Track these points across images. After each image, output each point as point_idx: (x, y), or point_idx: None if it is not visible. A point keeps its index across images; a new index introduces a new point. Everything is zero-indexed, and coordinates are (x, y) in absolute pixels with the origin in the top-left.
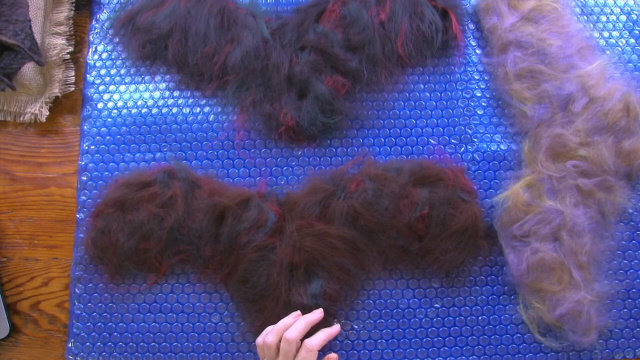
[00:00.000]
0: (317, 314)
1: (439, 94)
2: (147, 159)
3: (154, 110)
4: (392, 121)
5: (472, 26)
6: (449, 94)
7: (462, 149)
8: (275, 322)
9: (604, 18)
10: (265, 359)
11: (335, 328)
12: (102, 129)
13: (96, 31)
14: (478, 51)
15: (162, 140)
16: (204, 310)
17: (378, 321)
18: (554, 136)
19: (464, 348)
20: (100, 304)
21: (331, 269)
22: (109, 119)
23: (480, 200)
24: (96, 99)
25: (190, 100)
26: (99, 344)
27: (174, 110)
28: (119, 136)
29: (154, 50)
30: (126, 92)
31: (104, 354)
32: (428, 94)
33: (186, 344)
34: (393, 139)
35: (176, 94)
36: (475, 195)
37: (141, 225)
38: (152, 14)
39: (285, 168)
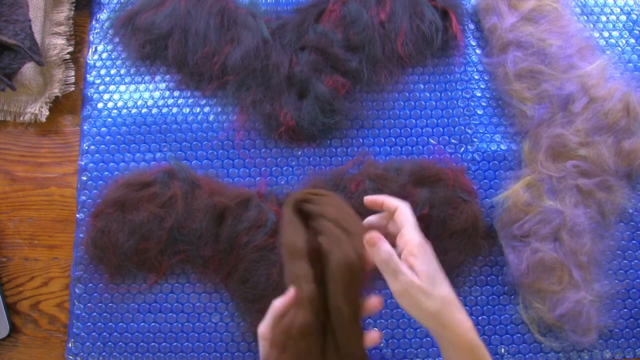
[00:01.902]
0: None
1: (439, 94)
2: (147, 159)
3: (154, 110)
4: (392, 121)
5: (472, 26)
6: (449, 94)
7: (462, 149)
8: None
9: (604, 18)
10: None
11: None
12: (102, 129)
13: (96, 31)
14: (478, 51)
15: (162, 140)
16: (204, 310)
17: (378, 321)
18: (554, 136)
19: None
20: (100, 304)
21: None
22: (109, 119)
23: (480, 200)
24: (96, 99)
25: (190, 100)
26: (99, 344)
27: (174, 110)
28: (119, 136)
29: (154, 50)
30: (126, 92)
31: (104, 354)
32: (428, 94)
33: (186, 344)
34: (393, 139)
35: (176, 94)
36: (475, 195)
37: (141, 225)
38: (152, 14)
39: (285, 168)
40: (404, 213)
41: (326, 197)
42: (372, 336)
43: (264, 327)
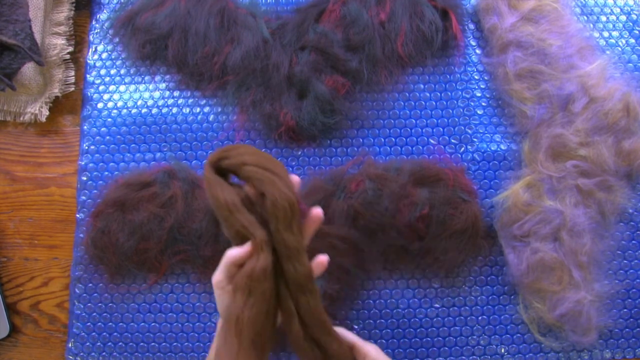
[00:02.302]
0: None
1: (439, 94)
2: (147, 159)
3: (154, 110)
4: (392, 121)
5: (472, 26)
6: (449, 94)
7: (462, 149)
8: None
9: (604, 18)
10: None
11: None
12: (102, 129)
13: (96, 31)
14: (478, 51)
15: (162, 140)
16: (204, 310)
17: (378, 321)
18: (554, 136)
19: (464, 348)
20: (100, 304)
21: (331, 269)
22: (109, 119)
23: (480, 200)
24: (96, 99)
25: (190, 100)
26: (99, 344)
27: (174, 110)
28: (119, 136)
29: (154, 50)
30: (126, 92)
31: (104, 354)
32: (428, 94)
33: (186, 344)
34: (393, 139)
35: (176, 94)
36: (475, 195)
37: (141, 225)
38: (152, 14)
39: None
40: (345, 332)
41: (240, 147)
42: (319, 260)
43: (220, 277)
